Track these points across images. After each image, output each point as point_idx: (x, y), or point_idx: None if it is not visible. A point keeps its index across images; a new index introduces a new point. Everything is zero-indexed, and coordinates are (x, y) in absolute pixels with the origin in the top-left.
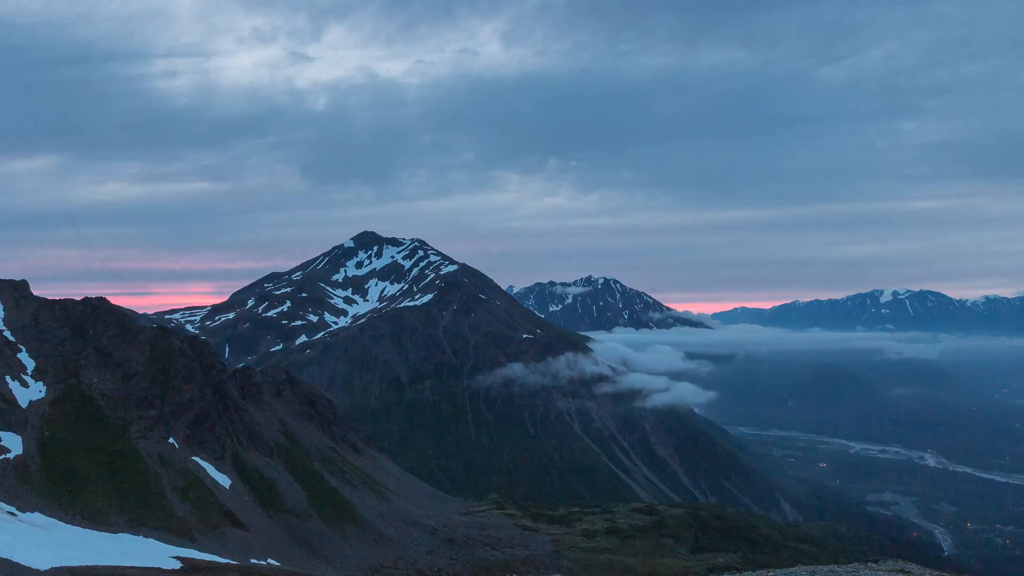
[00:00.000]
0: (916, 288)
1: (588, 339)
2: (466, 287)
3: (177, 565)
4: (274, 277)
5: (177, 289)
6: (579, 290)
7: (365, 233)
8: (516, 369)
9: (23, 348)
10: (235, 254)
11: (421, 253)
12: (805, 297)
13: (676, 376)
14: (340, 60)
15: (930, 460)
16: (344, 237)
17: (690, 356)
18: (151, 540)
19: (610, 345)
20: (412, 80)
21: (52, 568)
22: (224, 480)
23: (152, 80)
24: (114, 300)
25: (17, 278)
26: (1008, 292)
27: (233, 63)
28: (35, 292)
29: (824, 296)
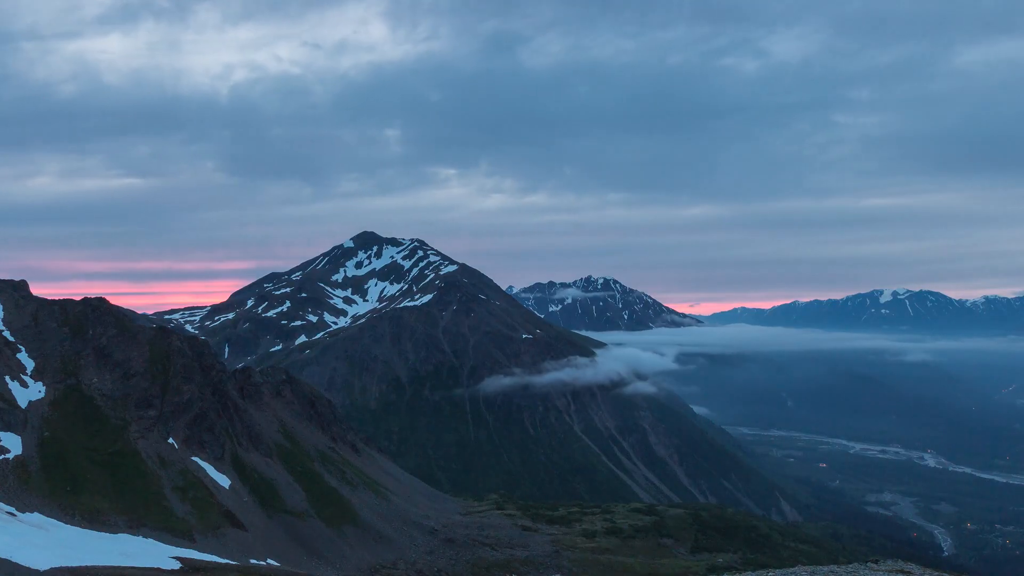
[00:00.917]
0: (916, 288)
1: (588, 339)
2: (466, 287)
3: (177, 565)
4: (273, 277)
5: (175, 289)
6: (578, 291)
7: (365, 233)
8: (516, 369)
9: (23, 348)
10: (219, 252)
11: (421, 253)
12: (805, 297)
13: (676, 376)
14: (219, 44)
15: (930, 460)
16: (322, 235)
17: (690, 356)
18: (151, 540)
19: (610, 345)
20: (306, 69)
21: (52, 568)
22: (223, 480)
23: (25, 65)
24: (113, 300)
25: (16, 278)
26: (1008, 292)
27: (106, 46)
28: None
29: (824, 296)
